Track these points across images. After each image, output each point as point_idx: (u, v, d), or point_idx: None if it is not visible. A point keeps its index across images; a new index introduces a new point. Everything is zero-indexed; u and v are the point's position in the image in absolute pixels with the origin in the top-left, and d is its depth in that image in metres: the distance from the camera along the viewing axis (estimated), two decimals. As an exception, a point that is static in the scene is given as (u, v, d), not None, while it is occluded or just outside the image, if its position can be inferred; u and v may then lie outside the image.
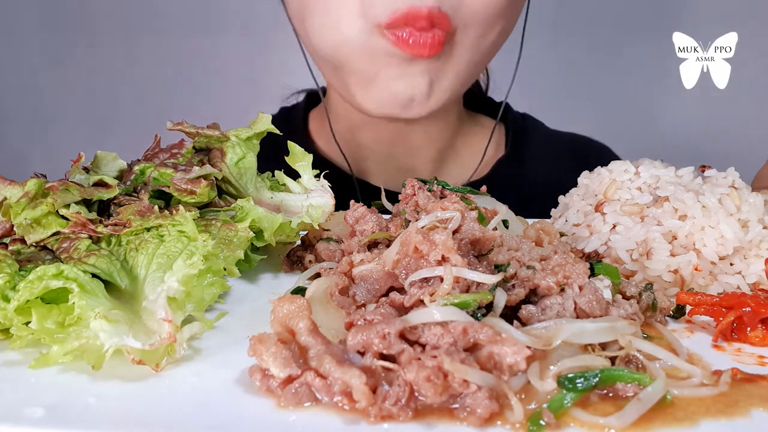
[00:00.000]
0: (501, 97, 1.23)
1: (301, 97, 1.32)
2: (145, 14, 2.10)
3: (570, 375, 0.46)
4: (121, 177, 0.72)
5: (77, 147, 0.73)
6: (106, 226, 0.60)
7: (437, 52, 0.90)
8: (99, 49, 2.11)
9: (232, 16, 2.11)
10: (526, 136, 1.28)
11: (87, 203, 0.65)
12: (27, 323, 0.51)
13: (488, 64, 1.20)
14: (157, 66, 2.10)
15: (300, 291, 0.62)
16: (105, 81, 2.13)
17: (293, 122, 1.26)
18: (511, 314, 0.53)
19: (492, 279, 0.51)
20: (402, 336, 0.47)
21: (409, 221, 0.65)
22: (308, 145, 1.17)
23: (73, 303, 0.50)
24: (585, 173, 0.83)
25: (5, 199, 0.60)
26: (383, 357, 0.46)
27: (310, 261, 0.72)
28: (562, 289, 0.54)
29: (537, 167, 1.24)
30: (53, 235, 0.60)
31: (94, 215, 0.62)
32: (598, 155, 1.19)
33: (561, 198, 0.85)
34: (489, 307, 0.52)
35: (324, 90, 1.23)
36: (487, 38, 0.97)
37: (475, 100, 1.29)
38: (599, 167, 0.82)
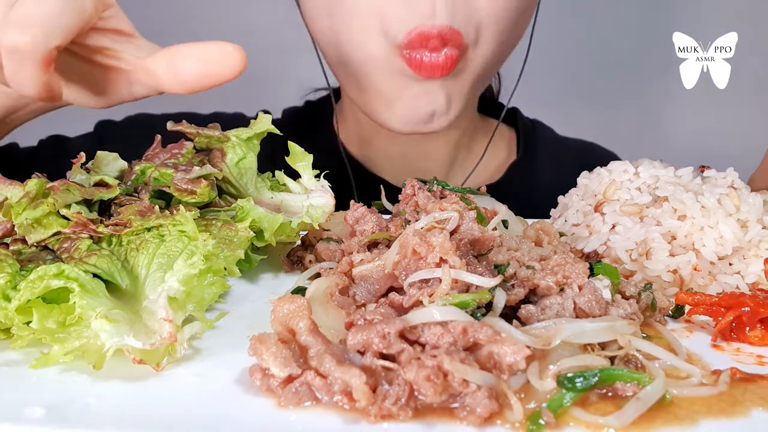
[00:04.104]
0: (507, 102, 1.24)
1: (319, 94, 1.34)
2: (146, 15, 2.09)
3: (569, 374, 0.46)
4: (121, 177, 0.73)
5: (78, 147, 0.73)
6: (106, 226, 0.60)
7: (449, 72, 0.93)
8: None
9: (236, 16, 2.11)
10: (536, 142, 1.30)
11: (88, 203, 0.65)
12: (28, 323, 0.51)
13: (499, 69, 1.20)
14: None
15: (300, 291, 0.62)
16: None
17: (320, 116, 1.27)
18: (510, 314, 0.53)
19: (490, 282, 0.51)
20: (402, 336, 0.47)
21: (409, 221, 0.65)
22: (333, 140, 1.19)
23: (74, 303, 0.50)
24: (584, 173, 0.83)
25: (6, 199, 0.61)
26: (383, 356, 0.47)
27: (310, 261, 0.72)
28: (562, 289, 0.54)
29: (547, 172, 1.26)
30: (54, 235, 0.60)
31: (94, 215, 0.63)
32: (605, 161, 1.20)
33: (560, 198, 0.85)
34: (489, 307, 0.52)
35: (335, 92, 1.24)
36: (498, 49, 0.98)
37: (488, 105, 1.31)
38: (599, 167, 0.82)
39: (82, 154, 0.69)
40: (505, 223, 0.71)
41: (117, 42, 0.67)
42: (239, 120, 1.18)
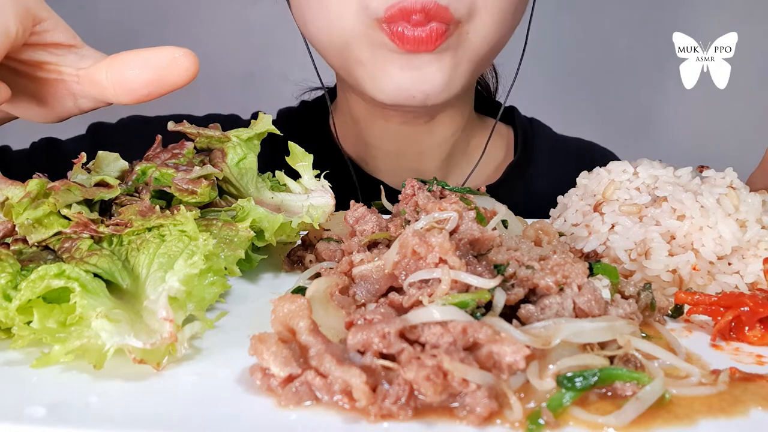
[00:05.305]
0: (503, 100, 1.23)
1: (315, 94, 1.33)
2: (147, 13, 2.10)
3: (569, 374, 0.46)
4: (122, 177, 0.73)
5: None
6: (107, 226, 0.60)
7: (435, 47, 0.89)
8: (99, 49, 2.12)
9: (234, 14, 2.11)
10: (535, 141, 1.29)
11: (88, 203, 0.65)
12: (29, 323, 0.51)
13: (494, 63, 1.19)
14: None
15: (300, 290, 0.62)
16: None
17: (316, 116, 1.26)
18: (510, 313, 0.54)
19: (488, 284, 0.51)
20: (402, 335, 0.47)
21: (409, 221, 0.65)
22: (330, 140, 1.18)
23: (75, 302, 0.50)
24: (584, 173, 0.83)
25: (7, 199, 0.61)
26: (383, 356, 0.47)
27: (310, 261, 0.72)
28: (561, 289, 0.54)
29: (546, 171, 1.24)
30: (55, 235, 0.60)
31: (95, 215, 0.63)
32: (604, 161, 1.20)
33: (560, 198, 0.85)
34: (488, 307, 0.52)
35: (330, 91, 1.23)
36: (497, 26, 0.94)
37: (484, 104, 1.30)
38: (598, 167, 0.82)
39: (83, 154, 0.69)
40: (504, 223, 0.71)
41: (56, 55, 0.63)
42: (234, 122, 1.17)
